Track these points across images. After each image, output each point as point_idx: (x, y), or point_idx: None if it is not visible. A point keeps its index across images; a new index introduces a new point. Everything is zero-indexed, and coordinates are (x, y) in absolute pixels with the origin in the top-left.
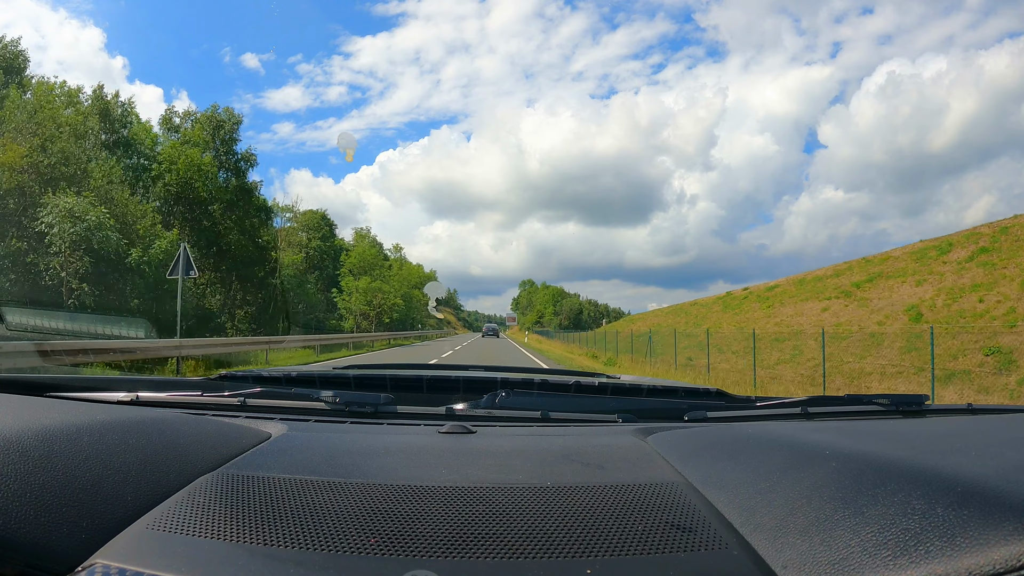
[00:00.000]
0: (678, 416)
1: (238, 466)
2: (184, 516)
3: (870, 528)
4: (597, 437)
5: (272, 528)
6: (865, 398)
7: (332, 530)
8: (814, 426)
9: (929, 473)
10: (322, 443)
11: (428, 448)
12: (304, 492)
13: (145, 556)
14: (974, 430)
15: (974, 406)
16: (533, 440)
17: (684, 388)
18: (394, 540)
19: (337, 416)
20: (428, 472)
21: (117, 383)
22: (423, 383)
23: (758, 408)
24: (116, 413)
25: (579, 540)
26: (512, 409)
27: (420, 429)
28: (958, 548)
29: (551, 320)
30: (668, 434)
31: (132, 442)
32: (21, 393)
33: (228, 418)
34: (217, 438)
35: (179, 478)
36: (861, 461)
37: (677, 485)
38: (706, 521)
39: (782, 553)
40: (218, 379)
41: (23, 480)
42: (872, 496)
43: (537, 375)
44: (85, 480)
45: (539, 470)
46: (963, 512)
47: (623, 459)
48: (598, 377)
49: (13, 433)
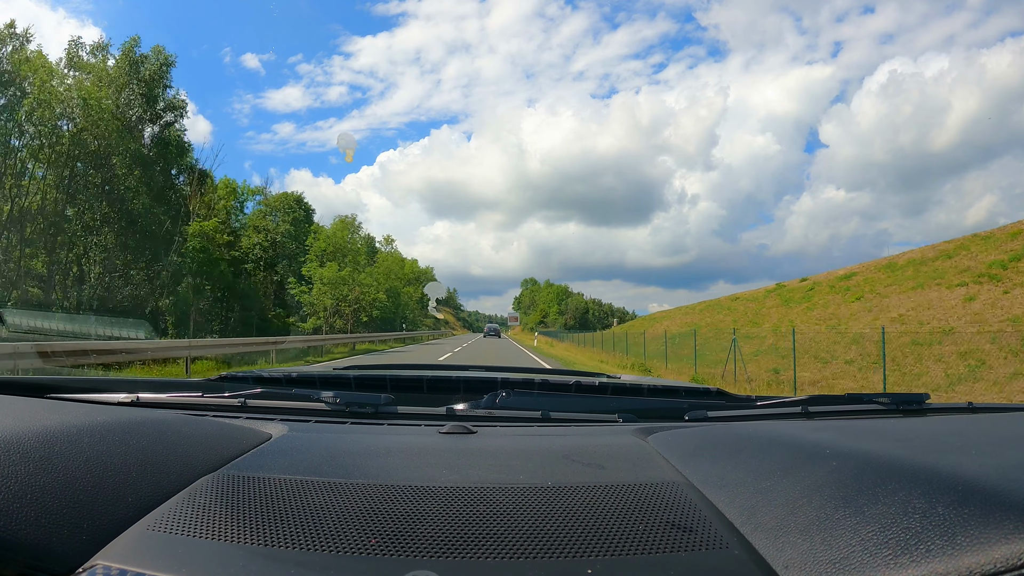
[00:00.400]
0: (679, 416)
1: (239, 467)
2: (185, 517)
3: (871, 527)
4: (598, 437)
5: (273, 529)
6: (865, 397)
7: (333, 531)
8: (814, 425)
9: (929, 472)
10: (323, 444)
11: (429, 448)
12: (305, 493)
13: (146, 557)
14: (975, 429)
15: (975, 404)
16: (534, 440)
17: (685, 388)
18: (395, 540)
19: (337, 417)
20: (429, 472)
21: (117, 384)
22: (423, 383)
23: (758, 407)
24: (117, 414)
25: (580, 540)
26: (512, 409)
27: (421, 429)
28: (959, 547)
29: (555, 320)
30: (669, 434)
31: (133, 443)
32: (21, 395)
33: (228, 419)
34: (218, 439)
35: (180, 479)
36: (861, 460)
37: (678, 485)
38: (707, 521)
39: (783, 552)
40: (218, 380)
41: (24, 481)
42: (873, 495)
43: (537, 375)
44: (86, 481)
45: (540, 470)
46: (964, 511)
47: (624, 459)
48: (598, 377)
49: (13, 435)
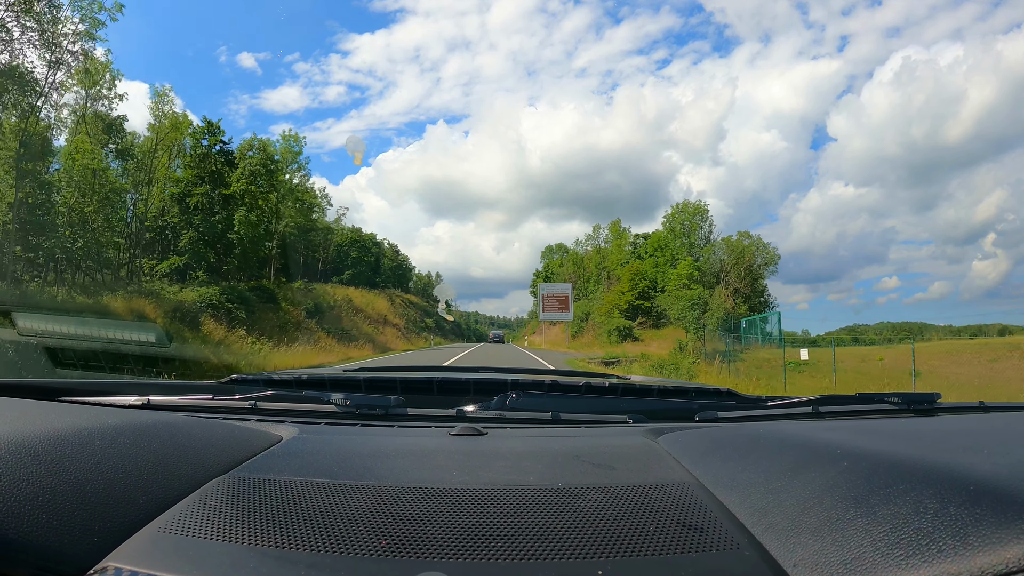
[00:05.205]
0: (689, 416)
1: (249, 469)
2: (196, 519)
3: (882, 527)
4: (608, 438)
5: (284, 531)
6: (876, 397)
7: (343, 532)
8: (825, 425)
9: (941, 472)
10: (333, 446)
11: (439, 450)
12: (315, 494)
13: (157, 559)
14: (986, 428)
15: (986, 404)
16: (544, 441)
17: (694, 388)
18: (405, 542)
19: (348, 419)
20: (439, 474)
21: (128, 387)
22: (433, 385)
23: (769, 408)
24: (128, 417)
25: (590, 541)
26: (522, 411)
27: (431, 431)
28: (971, 547)
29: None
30: (679, 434)
31: (144, 446)
32: (33, 398)
33: (239, 421)
34: (228, 441)
35: (191, 481)
36: (873, 460)
37: (688, 485)
38: (717, 521)
39: (794, 553)
40: (229, 382)
41: (36, 484)
42: (884, 495)
43: (547, 376)
44: (97, 484)
45: (550, 471)
46: (975, 511)
47: (634, 460)
48: (608, 378)
49: (25, 437)
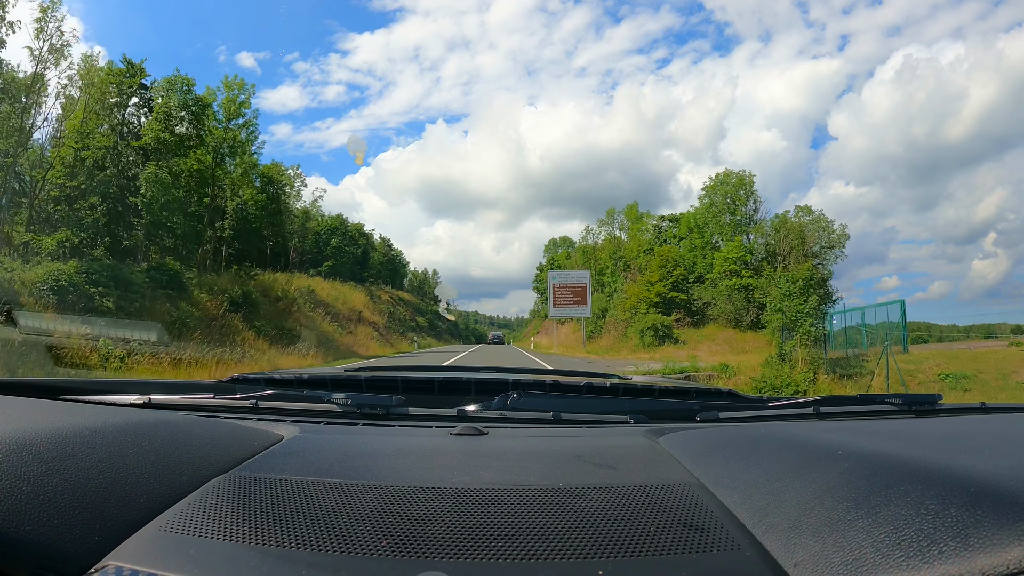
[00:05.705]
0: (690, 417)
1: (250, 468)
2: (197, 518)
3: (883, 528)
4: (609, 438)
5: (284, 530)
6: (878, 397)
7: (344, 532)
8: (826, 426)
9: (942, 473)
10: (334, 445)
11: (440, 450)
12: (316, 494)
13: (158, 558)
14: (987, 429)
15: (987, 405)
16: (545, 441)
17: (696, 389)
18: (406, 542)
19: (349, 418)
20: (440, 474)
21: (129, 386)
22: (434, 385)
23: (770, 408)
24: (129, 416)
25: (591, 541)
26: (524, 410)
27: (432, 431)
28: (971, 548)
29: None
30: (680, 435)
31: (145, 444)
32: (34, 396)
33: (240, 420)
34: (229, 440)
35: (192, 480)
36: (874, 461)
37: (689, 486)
38: (718, 522)
39: (795, 554)
40: (230, 381)
41: (37, 483)
42: (885, 496)
43: (548, 376)
44: (98, 482)
45: (551, 471)
46: (976, 512)
47: (635, 460)
48: (609, 378)
49: (27, 436)
